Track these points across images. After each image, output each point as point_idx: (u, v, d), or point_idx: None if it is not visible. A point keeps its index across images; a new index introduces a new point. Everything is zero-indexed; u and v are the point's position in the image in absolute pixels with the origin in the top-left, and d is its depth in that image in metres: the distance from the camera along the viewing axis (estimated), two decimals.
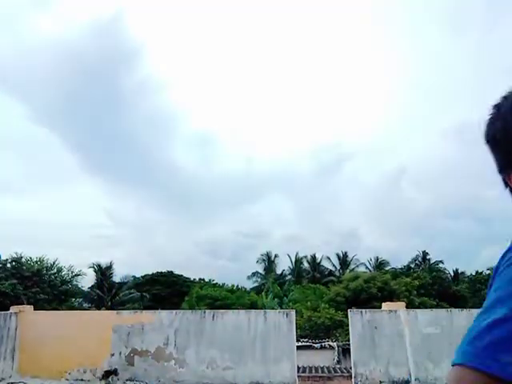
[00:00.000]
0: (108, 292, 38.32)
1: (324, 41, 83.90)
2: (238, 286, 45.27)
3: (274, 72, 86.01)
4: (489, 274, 44.86)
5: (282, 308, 29.93)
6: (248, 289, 46.08)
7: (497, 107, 0.86)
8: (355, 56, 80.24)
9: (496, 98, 0.86)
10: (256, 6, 77.25)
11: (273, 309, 23.58)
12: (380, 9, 78.16)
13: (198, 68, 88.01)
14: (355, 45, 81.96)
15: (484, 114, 0.88)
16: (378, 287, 30.63)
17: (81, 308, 35.75)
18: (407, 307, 6.96)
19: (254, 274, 50.24)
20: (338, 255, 49.25)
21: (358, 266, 47.64)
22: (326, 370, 16.69)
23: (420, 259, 48.21)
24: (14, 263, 33.04)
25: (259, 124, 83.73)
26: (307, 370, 16.44)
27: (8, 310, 7.70)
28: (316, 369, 16.80)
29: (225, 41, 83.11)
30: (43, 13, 68.93)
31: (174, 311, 7.32)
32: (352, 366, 6.68)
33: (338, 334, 23.72)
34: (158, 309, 8.97)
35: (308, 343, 19.76)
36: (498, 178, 0.88)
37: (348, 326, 6.87)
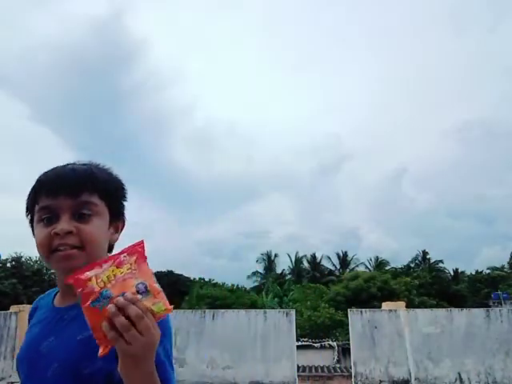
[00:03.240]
0: None
1: (324, 40, 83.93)
2: (237, 285, 45.24)
3: (274, 71, 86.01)
4: (489, 273, 44.80)
5: (281, 307, 29.92)
6: (248, 288, 46.05)
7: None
8: (355, 56, 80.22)
9: (496, 97, 0.84)
10: (256, 5, 77.16)
11: (273, 308, 23.58)
12: (380, 9, 78.18)
13: (198, 68, 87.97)
14: (355, 45, 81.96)
15: (484, 113, 0.86)
16: (377, 287, 30.62)
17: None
18: (407, 307, 6.96)
19: (254, 273, 50.23)
20: (337, 255, 49.28)
21: (357, 266, 47.65)
22: (325, 369, 16.70)
23: (420, 259, 48.18)
24: (13, 263, 33.05)
25: (259, 123, 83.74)
26: (307, 370, 16.44)
27: (8, 309, 7.69)
28: (316, 368, 16.81)
29: (225, 41, 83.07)
30: (43, 12, 68.90)
31: (174, 311, 7.32)
32: (352, 365, 6.68)
33: (337, 334, 23.71)
34: None
35: (308, 343, 19.75)
36: (497, 178, 0.86)
37: (348, 325, 6.86)
